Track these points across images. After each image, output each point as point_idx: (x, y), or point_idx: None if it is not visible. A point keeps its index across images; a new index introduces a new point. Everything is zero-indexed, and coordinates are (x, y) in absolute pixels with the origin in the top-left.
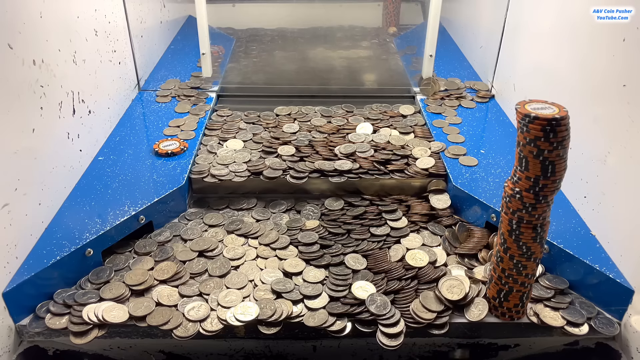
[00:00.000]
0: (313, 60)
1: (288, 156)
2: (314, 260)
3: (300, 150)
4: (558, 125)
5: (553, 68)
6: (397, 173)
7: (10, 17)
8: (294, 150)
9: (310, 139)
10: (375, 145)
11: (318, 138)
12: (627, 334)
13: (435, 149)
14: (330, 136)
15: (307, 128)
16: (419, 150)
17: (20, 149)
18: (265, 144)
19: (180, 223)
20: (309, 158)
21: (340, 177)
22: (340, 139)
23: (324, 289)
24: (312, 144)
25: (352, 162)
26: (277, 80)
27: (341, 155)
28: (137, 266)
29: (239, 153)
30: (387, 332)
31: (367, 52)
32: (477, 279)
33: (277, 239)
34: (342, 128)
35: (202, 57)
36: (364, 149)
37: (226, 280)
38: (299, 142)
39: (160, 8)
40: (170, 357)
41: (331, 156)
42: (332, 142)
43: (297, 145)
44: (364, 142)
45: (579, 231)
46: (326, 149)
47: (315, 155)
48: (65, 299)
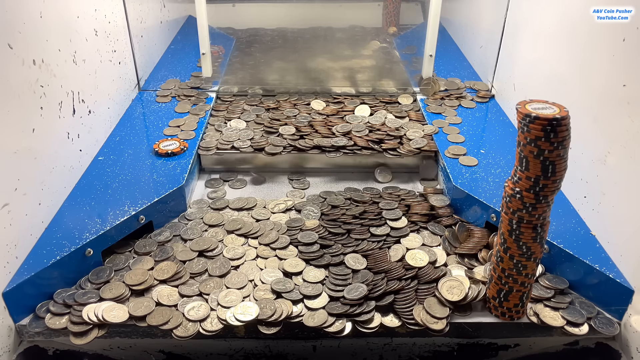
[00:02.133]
0: (313, 60)
1: (289, 135)
2: (314, 260)
3: (300, 130)
4: (559, 125)
5: (553, 68)
6: (390, 151)
7: (10, 17)
8: (294, 130)
9: (310, 120)
10: (371, 126)
11: (317, 119)
12: (627, 334)
13: (428, 131)
14: (329, 117)
15: (306, 111)
16: (412, 133)
17: (20, 149)
18: (267, 124)
19: (180, 223)
20: (308, 136)
21: (336, 153)
22: (339, 120)
23: (324, 289)
24: (312, 124)
25: (348, 139)
26: (277, 80)
27: (338, 134)
28: (137, 266)
29: (243, 131)
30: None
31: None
32: (477, 279)
33: (277, 238)
34: (341, 110)
35: (202, 57)
36: (360, 128)
37: (226, 280)
38: (299, 122)
39: (160, 8)
40: (170, 357)
41: (329, 134)
42: (331, 122)
43: (297, 125)
44: (360, 122)
45: (579, 231)
46: (325, 128)
47: (314, 134)
48: (65, 298)
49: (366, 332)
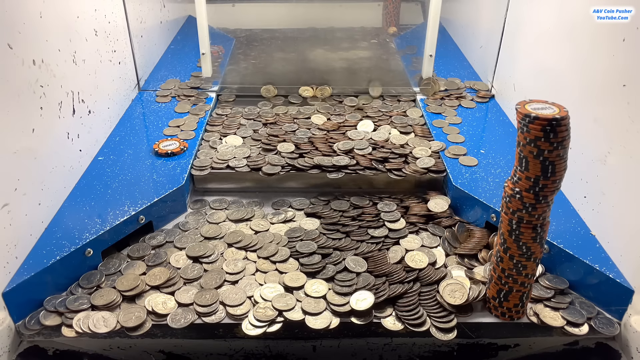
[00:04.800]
0: (313, 60)
1: (287, 153)
2: (316, 273)
3: (299, 147)
4: (558, 126)
5: (553, 68)
6: (395, 172)
7: (10, 17)
8: (294, 147)
9: (310, 136)
10: (375, 143)
11: (318, 135)
12: (627, 334)
13: (435, 148)
14: (330, 132)
15: (306, 126)
16: (419, 150)
17: (20, 149)
18: (264, 141)
19: (176, 229)
20: (308, 154)
21: (338, 173)
22: (340, 136)
23: (327, 305)
24: (312, 141)
25: (350, 158)
26: (277, 80)
27: (339, 152)
28: (129, 271)
29: (239, 149)
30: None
31: (367, 52)
32: (477, 279)
33: (276, 251)
34: (342, 125)
35: (202, 57)
36: (363, 146)
37: (223, 296)
38: (298, 139)
39: (160, 8)
40: (170, 357)
41: (330, 152)
42: (332, 138)
43: (297, 142)
44: (363, 139)
45: (579, 231)
46: (325, 145)
47: (314, 152)
48: (56, 305)
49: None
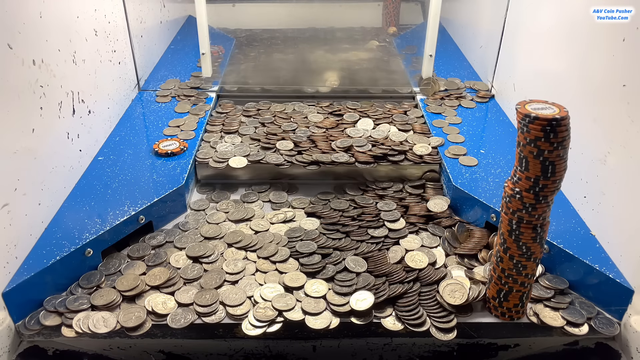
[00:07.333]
0: (313, 60)
1: (286, 151)
2: (316, 273)
3: (298, 145)
4: (558, 126)
5: (553, 68)
6: (394, 164)
7: (10, 17)
8: (292, 145)
9: (310, 135)
10: (374, 141)
11: (317, 133)
12: (627, 334)
13: (435, 144)
14: (329, 130)
15: (304, 124)
16: (419, 147)
17: (20, 149)
18: (264, 140)
19: (176, 229)
20: (307, 152)
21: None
22: (339, 134)
23: (327, 305)
24: (311, 139)
25: (350, 156)
26: (277, 80)
27: (338, 150)
28: (129, 271)
29: (238, 148)
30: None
31: (366, 52)
32: (477, 279)
33: (276, 251)
34: (341, 123)
35: (202, 57)
36: (362, 143)
37: (223, 296)
38: (297, 137)
39: (160, 8)
40: (170, 357)
41: (329, 150)
42: (332, 136)
43: (296, 141)
44: (362, 136)
45: (579, 231)
46: (324, 142)
47: (313, 149)
48: (56, 305)
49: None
